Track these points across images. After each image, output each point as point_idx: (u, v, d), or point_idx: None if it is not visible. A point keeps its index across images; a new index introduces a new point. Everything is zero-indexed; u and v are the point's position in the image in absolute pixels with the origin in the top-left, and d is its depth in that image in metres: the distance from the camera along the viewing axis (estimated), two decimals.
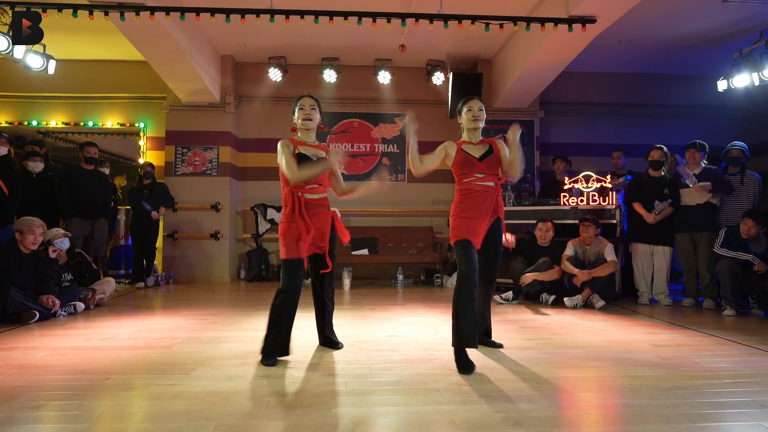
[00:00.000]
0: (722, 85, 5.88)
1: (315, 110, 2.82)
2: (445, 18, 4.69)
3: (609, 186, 5.15)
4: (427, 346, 3.04)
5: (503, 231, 2.94)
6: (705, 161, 4.89)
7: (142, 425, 1.85)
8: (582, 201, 5.21)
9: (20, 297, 3.81)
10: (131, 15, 4.48)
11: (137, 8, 4.46)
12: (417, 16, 4.75)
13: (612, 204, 5.10)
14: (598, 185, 5.19)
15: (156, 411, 1.97)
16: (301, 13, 4.60)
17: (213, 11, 4.56)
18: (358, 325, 3.73)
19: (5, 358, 2.75)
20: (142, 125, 7.15)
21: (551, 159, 6.37)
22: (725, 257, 4.32)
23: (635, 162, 6.28)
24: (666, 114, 7.62)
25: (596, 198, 5.17)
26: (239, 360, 2.72)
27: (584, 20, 4.75)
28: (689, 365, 2.64)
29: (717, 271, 4.41)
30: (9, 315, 3.75)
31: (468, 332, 2.55)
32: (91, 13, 4.43)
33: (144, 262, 6.20)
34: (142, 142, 7.15)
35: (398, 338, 3.29)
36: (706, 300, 4.68)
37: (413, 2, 5.21)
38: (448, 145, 2.93)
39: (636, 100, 7.60)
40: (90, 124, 7.08)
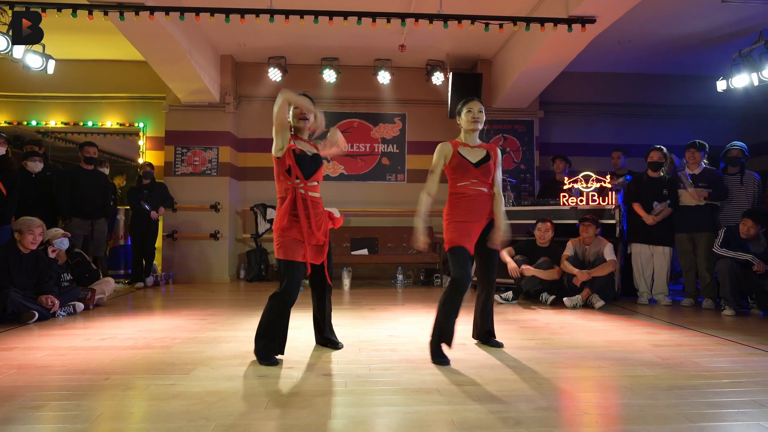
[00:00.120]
0: (722, 86, 5.89)
1: (309, 110, 2.80)
2: (445, 18, 4.70)
3: (608, 186, 5.15)
4: (427, 346, 3.03)
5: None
6: (705, 161, 4.89)
7: (142, 425, 1.85)
8: (581, 201, 5.22)
9: (19, 297, 3.80)
10: (131, 15, 4.48)
11: (137, 8, 4.46)
12: (417, 16, 4.76)
13: (611, 204, 5.10)
14: (598, 185, 5.19)
15: (155, 411, 1.97)
16: (301, 13, 4.60)
17: (212, 11, 4.56)
18: (358, 325, 3.73)
19: (4, 358, 2.75)
20: (142, 125, 7.15)
21: (551, 159, 6.38)
22: (725, 257, 4.33)
23: (635, 162, 6.28)
24: (665, 114, 7.62)
25: (596, 198, 5.17)
26: (239, 360, 2.72)
27: (584, 20, 4.76)
28: (689, 365, 2.64)
29: (716, 271, 4.41)
30: (8, 315, 3.74)
31: (450, 333, 2.75)
32: (91, 13, 4.43)
33: (143, 262, 6.20)
34: (142, 142, 7.15)
35: (398, 338, 3.30)
36: (706, 300, 4.68)
37: (413, 2, 5.21)
38: (444, 149, 2.86)
39: (636, 100, 7.60)
40: (89, 124, 7.07)
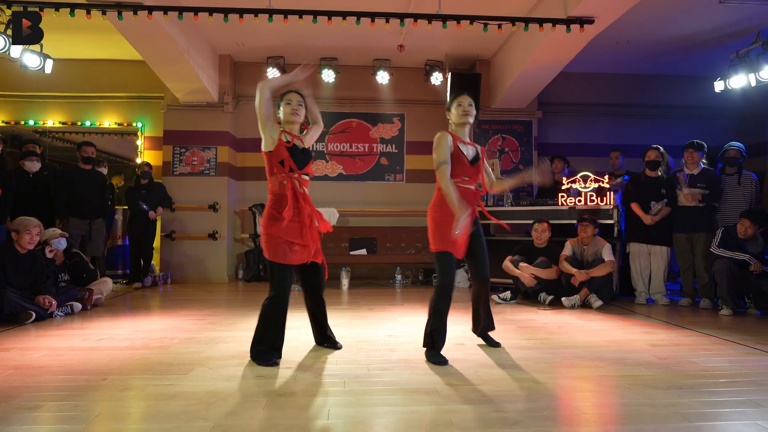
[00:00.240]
0: (719, 86, 5.91)
1: (301, 107, 2.80)
2: (444, 18, 4.70)
3: (607, 186, 5.15)
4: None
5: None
6: (704, 161, 4.91)
7: (140, 426, 1.85)
8: (580, 201, 5.22)
9: (17, 297, 3.79)
10: (129, 14, 4.47)
11: (135, 7, 4.45)
12: (415, 17, 4.76)
13: (610, 204, 5.11)
14: (596, 185, 5.19)
15: (153, 411, 1.97)
16: (300, 13, 4.60)
17: (211, 11, 4.55)
18: (357, 325, 3.73)
19: (1, 359, 2.74)
20: (140, 125, 7.13)
21: (549, 159, 6.37)
22: (722, 257, 4.34)
23: (633, 162, 6.29)
24: (663, 114, 7.63)
25: (594, 198, 5.17)
26: (237, 360, 2.72)
27: (582, 21, 4.76)
28: (686, 365, 2.65)
29: (714, 271, 4.42)
30: (5, 315, 3.73)
31: (443, 338, 2.75)
32: (89, 13, 4.42)
33: (141, 262, 6.18)
34: (140, 142, 7.14)
35: (396, 338, 3.30)
36: (703, 300, 4.69)
37: (412, 2, 5.21)
38: (447, 139, 2.79)
39: (634, 101, 7.61)
40: (87, 124, 7.06)
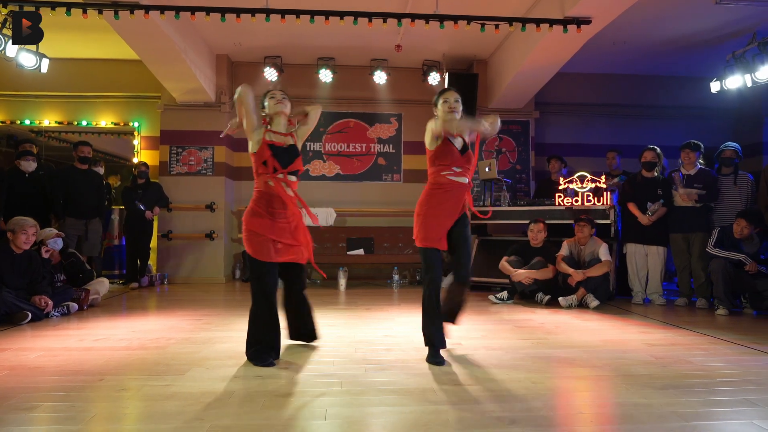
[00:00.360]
0: (715, 87, 5.93)
1: (285, 99, 2.83)
2: (441, 18, 4.70)
3: (603, 186, 5.17)
4: (423, 346, 3.01)
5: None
6: (701, 161, 4.92)
7: (136, 426, 1.84)
8: (577, 201, 5.23)
9: (12, 297, 3.77)
10: (125, 14, 4.45)
11: (131, 7, 4.44)
12: (413, 17, 4.76)
13: (606, 204, 5.12)
14: (593, 185, 5.21)
15: (150, 412, 1.96)
16: (297, 13, 4.59)
17: (208, 10, 4.54)
18: (354, 325, 3.72)
19: None
20: (137, 124, 7.11)
21: (546, 159, 6.40)
22: (718, 257, 4.35)
23: (630, 162, 6.31)
24: (660, 115, 7.66)
25: (591, 198, 5.19)
26: (234, 360, 2.71)
27: (579, 21, 4.77)
28: (682, 364, 2.66)
29: (710, 271, 4.44)
30: (1, 316, 3.71)
31: (441, 336, 2.75)
32: (85, 12, 4.41)
33: (138, 262, 6.16)
34: (137, 142, 7.11)
35: (394, 338, 3.30)
36: (699, 299, 4.72)
37: (409, 2, 5.21)
38: (432, 124, 2.77)
39: (630, 101, 7.64)
40: (84, 124, 7.03)
